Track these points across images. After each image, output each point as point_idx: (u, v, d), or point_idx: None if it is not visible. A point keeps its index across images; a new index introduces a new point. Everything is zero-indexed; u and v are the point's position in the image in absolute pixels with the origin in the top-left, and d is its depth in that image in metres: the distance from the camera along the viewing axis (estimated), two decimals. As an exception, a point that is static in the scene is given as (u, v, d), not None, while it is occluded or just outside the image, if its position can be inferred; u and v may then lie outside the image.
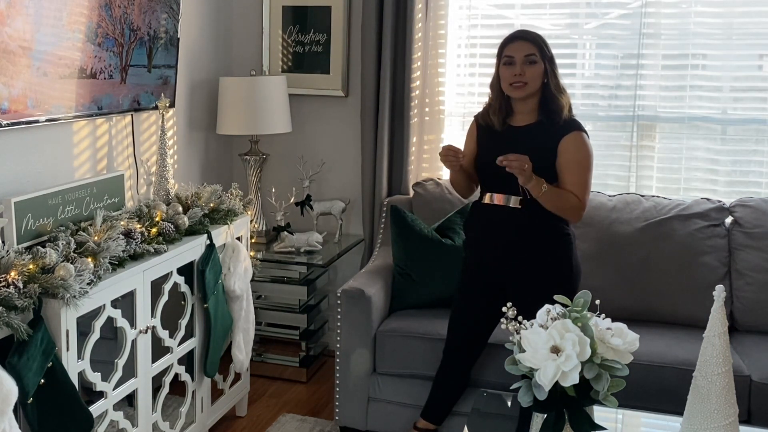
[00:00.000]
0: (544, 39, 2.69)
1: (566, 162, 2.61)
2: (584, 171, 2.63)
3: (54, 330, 2.11)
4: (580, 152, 2.63)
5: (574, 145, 2.62)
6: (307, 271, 3.65)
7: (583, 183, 2.63)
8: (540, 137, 2.64)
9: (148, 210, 2.79)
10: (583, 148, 2.63)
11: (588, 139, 2.66)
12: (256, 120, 3.65)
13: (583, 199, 2.63)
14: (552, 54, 2.68)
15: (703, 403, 1.89)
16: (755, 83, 3.49)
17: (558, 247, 2.68)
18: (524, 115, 2.71)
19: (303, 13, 3.94)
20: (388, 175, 3.76)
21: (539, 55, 2.64)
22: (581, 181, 2.62)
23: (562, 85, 2.70)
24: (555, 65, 2.68)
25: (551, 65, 2.67)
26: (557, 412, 1.85)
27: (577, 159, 2.62)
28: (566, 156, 2.61)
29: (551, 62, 2.67)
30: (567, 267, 2.70)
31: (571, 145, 2.61)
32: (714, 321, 1.87)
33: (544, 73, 2.65)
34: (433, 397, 2.96)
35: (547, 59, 2.66)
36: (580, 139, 2.63)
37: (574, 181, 2.61)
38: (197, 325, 2.94)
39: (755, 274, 3.15)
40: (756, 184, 3.48)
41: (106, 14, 2.83)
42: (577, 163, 2.62)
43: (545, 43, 2.68)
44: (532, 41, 2.66)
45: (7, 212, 2.27)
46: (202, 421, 3.04)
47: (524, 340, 1.83)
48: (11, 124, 2.46)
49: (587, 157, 2.64)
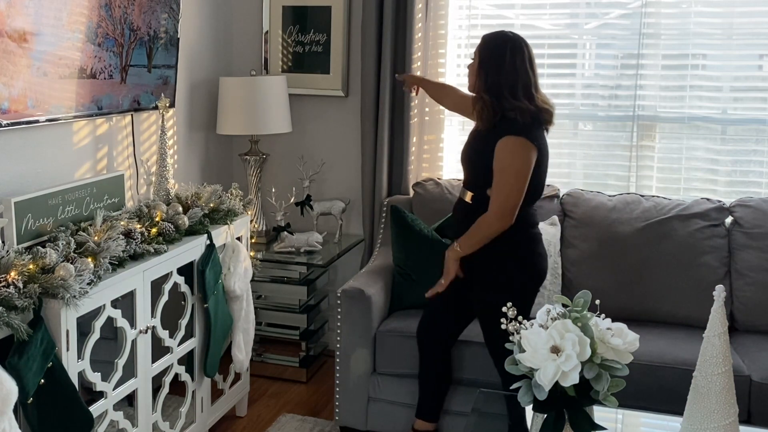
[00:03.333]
0: (489, 40, 2.67)
1: (495, 168, 2.60)
2: (503, 175, 2.58)
3: (54, 330, 2.11)
4: (503, 158, 2.58)
5: (499, 151, 2.59)
6: (307, 271, 3.65)
7: (500, 187, 2.59)
8: (485, 137, 2.65)
9: (148, 210, 2.79)
10: (506, 153, 2.58)
11: (518, 143, 2.57)
12: (256, 120, 3.65)
13: (496, 205, 2.60)
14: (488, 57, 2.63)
15: (703, 403, 1.89)
16: (755, 83, 3.49)
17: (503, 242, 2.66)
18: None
19: (303, 13, 3.94)
20: (388, 175, 3.76)
21: (477, 55, 2.68)
22: (498, 185, 2.60)
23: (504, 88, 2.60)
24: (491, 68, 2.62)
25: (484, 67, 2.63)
26: (557, 412, 1.85)
27: (500, 166, 2.59)
28: (495, 161, 2.60)
29: (484, 64, 2.64)
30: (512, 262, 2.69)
31: (498, 151, 2.59)
32: (714, 321, 1.87)
33: (477, 72, 2.66)
34: (423, 395, 2.99)
35: (482, 60, 2.65)
36: (506, 144, 2.58)
37: (496, 184, 2.61)
38: (197, 325, 2.94)
39: (755, 274, 3.15)
40: (756, 184, 3.48)
41: (106, 14, 2.83)
42: (500, 169, 2.60)
43: (486, 45, 2.67)
44: (480, 41, 2.70)
45: (7, 212, 2.27)
46: (202, 421, 3.04)
47: (524, 340, 1.83)
48: (11, 124, 2.46)
49: (509, 162, 2.58)
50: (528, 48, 2.65)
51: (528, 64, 2.63)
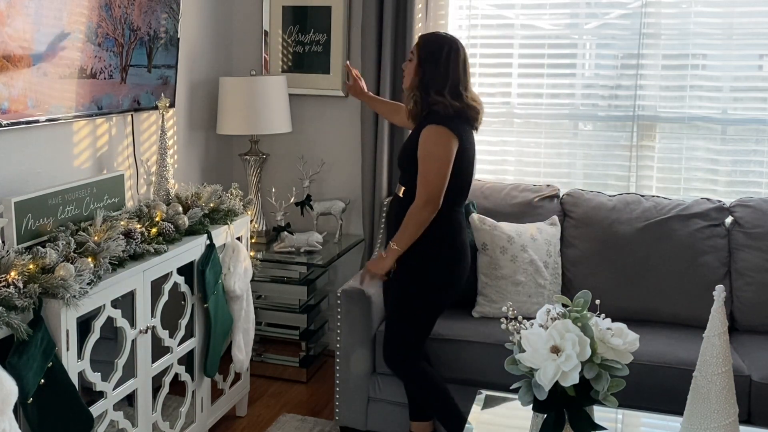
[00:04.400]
0: (429, 41, 2.80)
1: (418, 156, 2.71)
2: (423, 163, 2.69)
3: (54, 330, 2.11)
4: (425, 145, 2.70)
5: (422, 139, 2.71)
6: (307, 271, 3.65)
7: (423, 174, 2.68)
8: (412, 134, 2.80)
9: (148, 210, 2.79)
10: (428, 141, 2.69)
11: (440, 132, 2.68)
12: (256, 120, 3.65)
13: (422, 192, 2.68)
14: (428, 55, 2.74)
15: (703, 403, 1.89)
16: (755, 83, 3.49)
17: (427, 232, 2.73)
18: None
19: (303, 13, 3.94)
20: (388, 175, 3.76)
21: (416, 54, 2.77)
22: (421, 172, 2.69)
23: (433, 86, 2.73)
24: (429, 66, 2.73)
25: (422, 66, 2.74)
26: (557, 412, 1.85)
27: (422, 153, 2.70)
28: (418, 149, 2.71)
29: (423, 63, 2.75)
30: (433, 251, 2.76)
31: (421, 139, 2.71)
32: (714, 321, 1.87)
33: (416, 70, 2.76)
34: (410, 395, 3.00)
35: (421, 58, 2.75)
36: (428, 133, 2.70)
37: (420, 172, 2.70)
38: (197, 325, 2.94)
39: (755, 274, 3.15)
40: (756, 184, 3.48)
41: (106, 14, 2.83)
42: (423, 156, 2.70)
43: (426, 44, 2.78)
44: (419, 41, 2.82)
45: (7, 212, 2.27)
46: (202, 421, 3.04)
47: (524, 340, 1.83)
48: (11, 124, 2.46)
49: (431, 149, 2.69)
50: (463, 49, 2.79)
51: (462, 65, 2.77)
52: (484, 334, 2.99)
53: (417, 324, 2.83)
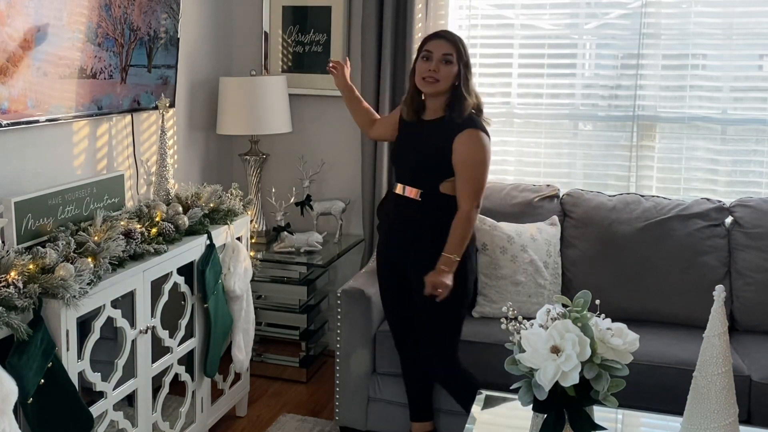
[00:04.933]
0: (464, 43, 2.75)
1: (460, 160, 2.67)
2: (475, 169, 2.67)
3: (54, 330, 2.11)
4: (472, 150, 2.67)
5: (467, 143, 2.66)
6: (307, 271, 3.65)
7: (474, 180, 2.67)
8: (440, 133, 2.72)
9: (148, 210, 2.79)
10: (476, 145, 2.67)
11: (484, 137, 2.68)
12: (256, 120, 3.65)
13: (472, 198, 2.67)
14: (468, 59, 2.73)
15: (703, 403, 1.89)
16: (755, 83, 3.49)
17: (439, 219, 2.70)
18: (433, 110, 2.78)
19: (303, 13, 3.94)
20: (388, 175, 3.76)
21: (455, 57, 2.69)
22: (471, 178, 2.67)
23: (475, 91, 2.75)
24: (470, 70, 2.73)
25: (465, 69, 2.71)
26: (557, 412, 1.85)
27: (468, 157, 2.67)
28: (459, 154, 2.67)
29: (466, 67, 2.72)
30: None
31: (464, 143, 2.66)
32: (714, 321, 1.87)
33: (457, 76, 2.70)
34: (412, 397, 3.01)
35: (462, 63, 2.71)
36: (474, 137, 2.67)
37: (466, 178, 2.67)
38: (197, 325, 2.94)
39: (755, 274, 3.15)
40: (756, 184, 3.48)
41: (106, 14, 2.83)
42: (469, 161, 2.67)
43: (464, 47, 2.73)
44: (452, 42, 2.72)
45: (7, 212, 2.27)
46: (202, 421, 3.04)
47: (524, 340, 1.83)
48: (11, 124, 2.46)
49: (479, 155, 2.68)
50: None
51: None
52: (484, 334, 2.99)
53: (459, 324, 2.83)
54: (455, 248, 2.67)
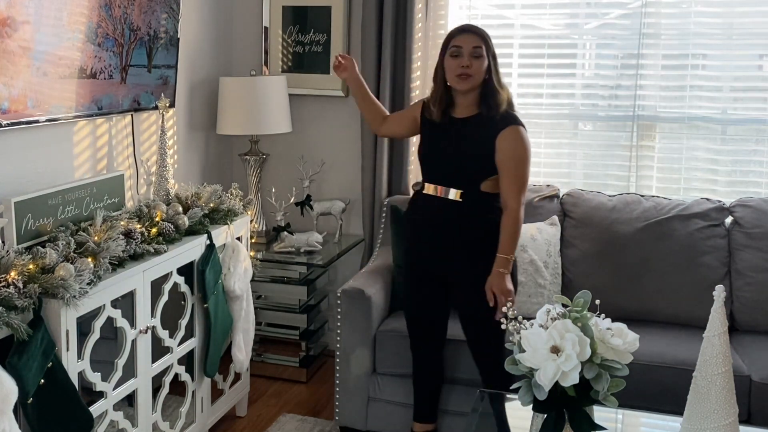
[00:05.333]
0: (489, 36, 2.73)
1: (504, 158, 2.66)
2: (520, 166, 2.67)
3: (54, 330, 2.11)
4: (517, 148, 2.66)
5: (511, 141, 2.65)
6: (307, 271, 3.65)
7: (520, 177, 2.67)
8: (479, 129, 2.69)
9: (148, 210, 2.79)
10: (519, 143, 2.67)
11: (525, 133, 2.69)
12: (256, 120, 3.65)
13: (518, 196, 2.66)
14: (495, 52, 2.72)
15: (703, 403, 1.88)
16: (755, 83, 3.49)
17: (490, 229, 2.69)
18: (465, 107, 2.75)
19: (303, 13, 3.94)
20: (388, 175, 3.76)
21: (485, 50, 2.68)
22: (518, 175, 2.67)
23: (503, 83, 2.74)
24: (497, 62, 2.72)
25: (494, 62, 2.70)
26: (557, 412, 1.84)
27: (513, 155, 2.66)
28: (503, 152, 2.65)
29: (494, 59, 2.71)
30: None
31: (508, 141, 2.65)
32: (714, 321, 1.87)
33: (488, 69, 2.68)
34: (418, 398, 2.99)
35: (491, 55, 2.69)
36: (517, 134, 2.66)
37: (511, 176, 2.66)
38: (197, 325, 2.94)
39: (755, 274, 3.15)
40: (756, 184, 3.48)
41: (106, 14, 2.83)
42: (514, 159, 2.66)
43: (490, 40, 2.71)
44: (480, 35, 2.69)
45: (7, 212, 2.27)
46: (202, 421, 3.04)
47: (524, 340, 1.83)
48: (11, 124, 2.46)
49: (523, 152, 2.68)
50: None
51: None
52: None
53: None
54: (509, 247, 2.65)
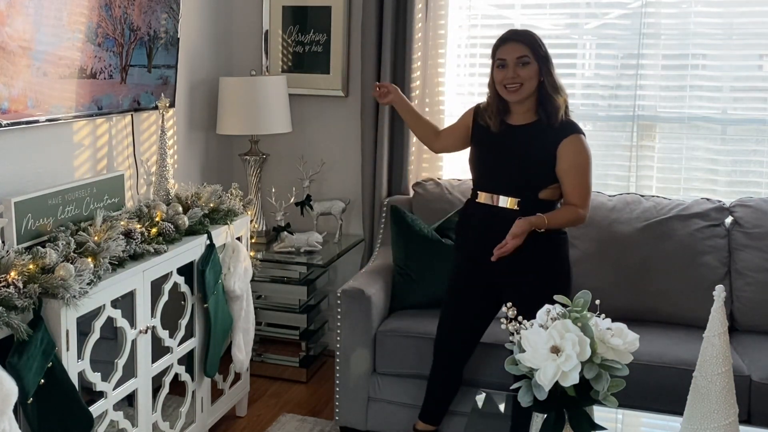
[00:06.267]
0: (537, 37, 2.64)
1: (567, 167, 2.60)
2: (584, 174, 2.62)
3: (54, 330, 2.11)
4: (580, 156, 2.61)
5: (573, 150, 2.59)
6: (307, 271, 3.65)
7: (584, 186, 2.62)
8: (538, 137, 2.63)
9: (148, 210, 2.79)
10: (582, 151, 2.61)
11: (586, 141, 2.64)
12: (256, 120, 3.65)
13: (585, 203, 2.63)
14: (546, 52, 2.63)
15: (703, 403, 1.88)
16: (755, 83, 3.49)
17: (553, 247, 2.67)
18: (521, 114, 2.68)
19: (303, 13, 3.94)
20: (388, 175, 3.76)
21: (532, 56, 2.59)
22: (582, 184, 2.62)
23: (559, 84, 2.65)
24: (550, 63, 2.63)
25: (546, 64, 2.61)
26: (557, 412, 1.84)
27: (577, 163, 2.60)
28: (566, 161, 2.59)
29: (545, 61, 2.61)
30: (562, 266, 2.70)
31: (570, 150, 2.59)
32: (714, 321, 1.87)
33: (539, 73, 2.61)
34: (429, 397, 2.97)
35: (541, 58, 2.60)
36: (579, 143, 2.61)
37: (576, 184, 2.61)
38: (197, 325, 2.94)
39: (755, 274, 3.15)
40: (756, 184, 3.48)
41: (106, 14, 2.83)
42: (577, 167, 2.60)
43: (538, 42, 2.62)
44: (524, 42, 2.61)
45: (7, 212, 2.27)
46: (202, 421, 3.04)
47: (524, 340, 1.83)
48: (11, 124, 2.46)
49: (586, 160, 2.62)
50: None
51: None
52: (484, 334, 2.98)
53: None
54: (554, 218, 2.59)
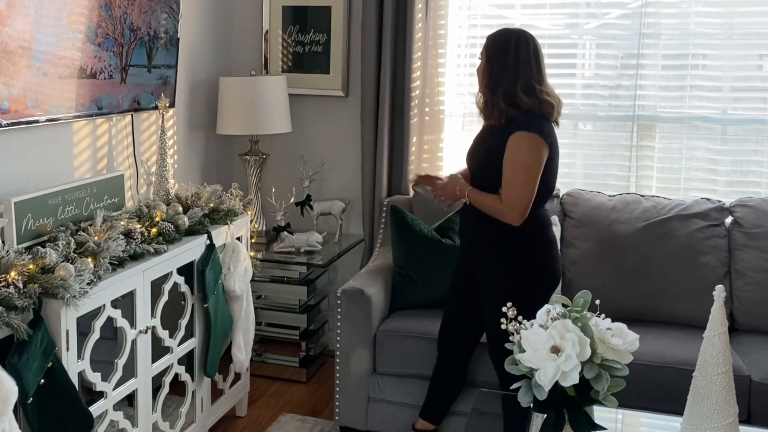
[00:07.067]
0: (494, 38, 2.64)
1: (504, 163, 2.57)
2: (514, 170, 2.54)
3: (54, 330, 2.11)
4: (512, 152, 2.55)
5: (511, 146, 2.55)
6: (307, 271, 3.65)
7: (510, 182, 2.55)
8: (492, 138, 2.63)
9: (148, 210, 2.79)
10: (519, 148, 2.54)
11: (531, 138, 2.53)
12: (256, 120, 3.65)
13: (508, 199, 2.56)
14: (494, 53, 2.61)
15: (703, 403, 1.89)
16: (755, 83, 3.49)
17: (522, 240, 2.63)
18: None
19: (303, 13, 3.94)
20: (388, 175, 3.76)
21: (485, 53, 2.64)
22: (508, 180, 2.56)
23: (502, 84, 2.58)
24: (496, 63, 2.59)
25: (490, 64, 2.61)
26: (557, 412, 1.85)
27: (509, 159, 2.55)
28: (505, 157, 2.56)
29: (490, 61, 2.61)
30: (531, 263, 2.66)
31: (510, 146, 2.55)
32: (714, 321, 1.87)
33: (483, 70, 2.63)
34: (431, 396, 2.97)
35: (490, 58, 2.61)
36: (518, 140, 2.54)
37: (504, 180, 2.57)
38: (197, 325, 2.94)
39: (755, 274, 3.15)
40: (756, 184, 3.48)
41: (106, 14, 2.83)
42: (509, 162, 2.56)
43: (491, 42, 2.63)
44: (486, 41, 2.66)
45: (7, 212, 2.27)
46: (202, 421, 3.04)
47: (524, 340, 1.83)
48: (11, 124, 2.46)
49: (522, 156, 2.54)
50: (533, 41, 2.61)
51: (533, 57, 2.59)
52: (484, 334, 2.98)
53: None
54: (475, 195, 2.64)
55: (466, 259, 2.83)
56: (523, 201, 2.55)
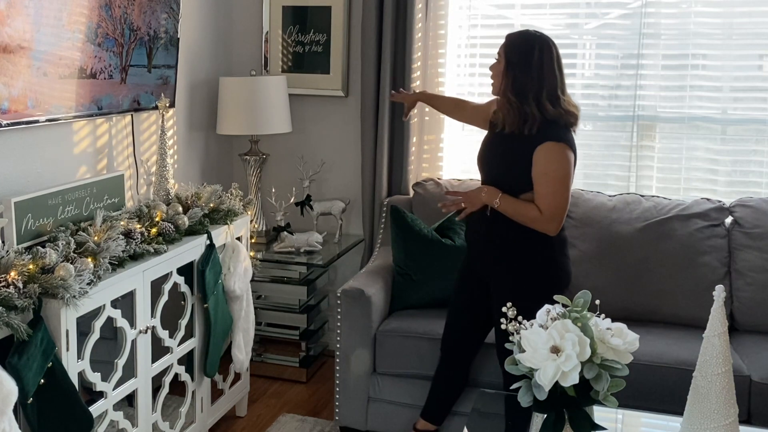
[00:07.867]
0: (516, 42, 2.60)
1: (535, 174, 2.55)
2: (550, 182, 2.53)
3: (54, 330, 2.11)
4: (547, 163, 2.53)
5: (543, 157, 2.53)
6: (307, 271, 3.65)
7: (549, 194, 2.54)
8: (516, 145, 2.58)
9: (148, 210, 2.79)
10: (551, 159, 2.53)
11: (562, 149, 2.53)
12: (256, 120, 3.65)
13: (547, 210, 2.55)
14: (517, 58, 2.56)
15: (703, 403, 1.89)
16: (755, 83, 3.49)
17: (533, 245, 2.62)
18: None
19: (303, 13, 3.94)
20: (388, 175, 3.76)
21: (503, 55, 2.59)
22: (546, 192, 2.55)
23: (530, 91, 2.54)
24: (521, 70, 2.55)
25: (512, 69, 2.56)
26: (557, 412, 1.85)
27: (544, 170, 2.54)
28: (536, 168, 2.54)
29: (511, 65, 2.56)
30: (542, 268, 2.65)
31: (540, 157, 2.53)
32: (714, 321, 1.87)
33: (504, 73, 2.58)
34: (433, 396, 2.97)
35: (511, 62, 2.57)
36: (551, 150, 2.53)
37: (540, 192, 2.55)
38: (197, 325, 2.94)
39: (755, 274, 3.15)
40: (756, 184, 3.48)
41: (106, 14, 2.83)
42: (543, 174, 2.54)
43: (514, 46, 2.59)
44: (505, 41, 2.62)
45: (7, 212, 2.27)
46: (202, 421, 3.04)
47: (524, 340, 1.83)
48: (11, 124, 2.46)
49: (555, 167, 2.53)
50: (555, 48, 2.58)
51: (555, 64, 2.57)
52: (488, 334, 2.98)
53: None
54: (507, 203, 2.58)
55: (472, 260, 2.80)
56: (561, 212, 2.58)
